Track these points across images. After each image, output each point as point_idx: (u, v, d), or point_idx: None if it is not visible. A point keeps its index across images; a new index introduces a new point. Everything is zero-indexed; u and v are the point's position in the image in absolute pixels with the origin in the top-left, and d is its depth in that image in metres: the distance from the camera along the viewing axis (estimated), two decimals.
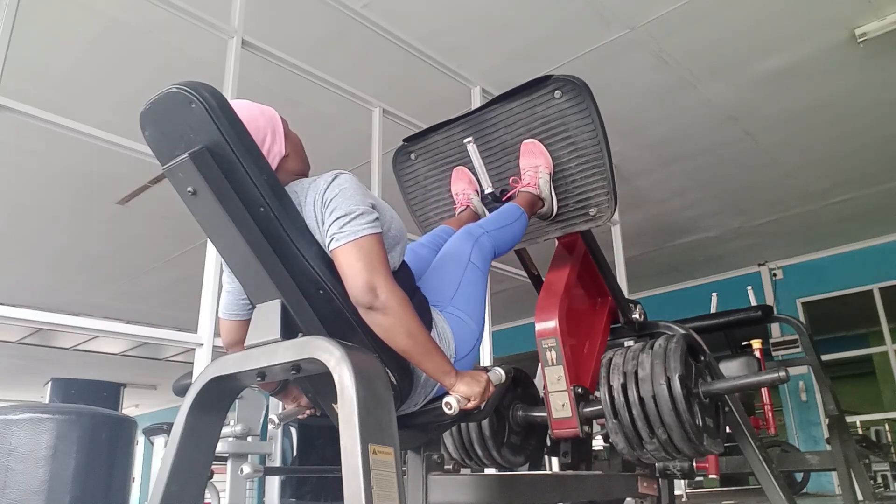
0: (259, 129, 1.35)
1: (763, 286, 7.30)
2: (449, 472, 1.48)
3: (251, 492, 4.26)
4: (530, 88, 1.99)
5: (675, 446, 1.72)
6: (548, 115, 1.99)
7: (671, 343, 1.80)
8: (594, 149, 1.95)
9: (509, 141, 2.08)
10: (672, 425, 1.69)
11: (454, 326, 1.44)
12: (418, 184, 2.31)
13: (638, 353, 1.82)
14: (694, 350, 1.87)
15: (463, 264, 1.57)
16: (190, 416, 1.29)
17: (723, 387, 1.81)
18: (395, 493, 1.04)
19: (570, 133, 1.97)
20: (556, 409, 1.91)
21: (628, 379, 1.77)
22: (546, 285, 2.04)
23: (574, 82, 1.93)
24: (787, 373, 1.70)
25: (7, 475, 2.03)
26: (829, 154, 5.09)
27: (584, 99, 1.92)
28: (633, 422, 1.74)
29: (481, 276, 1.58)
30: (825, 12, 3.53)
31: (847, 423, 4.03)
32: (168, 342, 4.66)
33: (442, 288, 1.51)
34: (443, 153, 2.22)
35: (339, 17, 3.36)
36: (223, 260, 1.35)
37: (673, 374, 1.71)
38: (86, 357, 9.65)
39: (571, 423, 1.88)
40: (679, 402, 1.68)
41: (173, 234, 5.66)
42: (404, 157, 2.31)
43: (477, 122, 2.11)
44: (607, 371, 1.83)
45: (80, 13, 3.31)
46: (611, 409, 1.78)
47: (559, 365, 1.89)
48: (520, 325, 8.18)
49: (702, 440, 1.72)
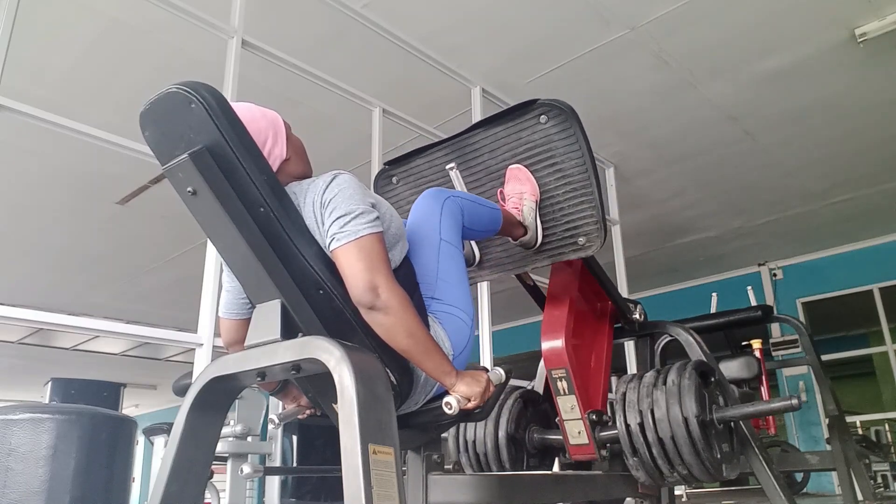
0: (261, 131, 1.35)
1: (763, 286, 7.30)
2: (449, 472, 1.48)
3: (251, 492, 4.25)
4: (515, 113, 1.93)
5: (695, 478, 1.77)
6: (533, 141, 1.92)
7: (684, 379, 1.79)
8: (582, 176, 1.88)
9: (494, 166, 2.01)
10: (692, 463, 1.72)
11: (446, 324, 1.43)
12: (400, 208, 2.19)
13: (652, 390, 1.81)
14: (704, 374, 1.87)
15: (435, 246, 1.50)
16: (190, 416, 1.29)
17: (736, 413, 1.83)
18: (395, 493, 1.04)
19: (556, 159, 1.90)
20: (572, 436, 1.92)
21: (644, 417, 1.78)
22: (549, 308, 1.99)
23: (560, 107, 1.87)
24: (800, 400, 1.72)
25: (7, 475, 2.03)
26: (829, 154, 5.09)
27: (571, 124, 1.86)
28: (654, 460, 1.76)
29: (457, 254, 1.53)
30: (825, 12, 3.53)
31: (847, 423, 4.03)
32: (168, 342, 4.67)
33: (421, 280, 1.46)
34: (425, 177, 2.13)
35: (339, 17, 3.36)
36: (223, 260, 1.35)
37: (689, 414, 1.72)
38: (86, 357, 9.65)
39: (589, 449, 1.90)
40: (697, 442, 1.70)
41: (173, 234, 5.66)
42: (386, 181, 2.23)
43: (460, 147, 2.04)
44: (622, 407, 1.83)
45: (79, 13, 3.31)
46: (630, 448, 1.79)
47: (571, 395, 1.88)
48: (520, 325, 8.18)
49: (721, 471, 1.76)
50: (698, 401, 1.75)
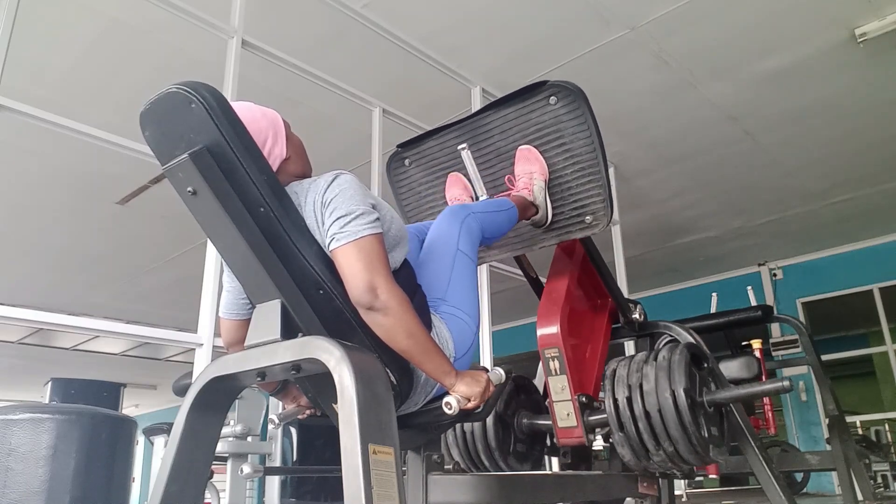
0: (261, 131, 1.36)
1: (763, 286, 7.30)
2: (449, 472, 1.48)
3: (251, 492, 4.26)
4: (525, 94, 1.97)
5: (681, 457, 1.73)
6: (543, 122, 1.97)
7: (675, 354, 1.79)
8: (590, 156, 1.92)
9: (504, 147, 2.06)
10: (678, 438, 1.70)
11: (451, 326, 1.43)
12: (412, 190, 2.28)
13: (642, 365, 1.81)
14: (697, 358, 1.86)
15: (451, 254, 1.53)
16: (190, 416, 1.29)
17: (727, 396, 1.82)
18: (395, 493, 1.04)
19: (565, 140, 1.95)
20: (560, 418, 1.91)
21: (633, 391, 1.77)
22: (546, 292, 2.03)
23: (569, 88, 1.91)
24: (791, 382, 1.71)
25: (7, 475, 2.03)
26: (829, 154, 5.09)
27: (580, 105, 1.90)
28: (640, 435, 1.74)
29: (471, 265, 1.56)
30: (825, 12, 3.53)
31: (847, 423, 4.02)
32: (168, 342, 4.66)
33: (434, 283, 1.49)
34: (437, 159, 2.19)
35: (339, 17, 3.36)
36: (223, 260, 1.35)
37: (678, 387, 1.71)
38: (86, 357, 9.65)
39: (577, 433, 1.88)
40: (684, 415, 1.69)
41: (173, 234, 5.66)
42: (398, 163, 2.28)
43: (471, 128, 2.09)
44: (612, 383, 1.83)
45: (80, 13, 3.31)
46: (616, 423, 1.78)
47: (563, 375, 1.88)
48: (520, 325, 8.18)
49: (708, 451, 1.74)
50: (688, 375, 1.74)
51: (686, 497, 5.27)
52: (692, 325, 3.00)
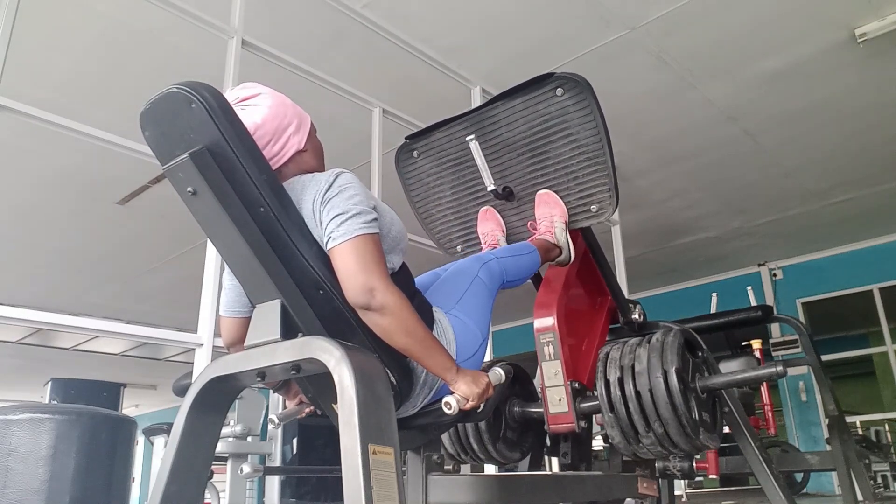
0: (286, 115, 1.40)
1: (763, 286, 7.31)
2: (449, 473, 1.48)
3: (251, 492, 4.26)
4: (532, 86, 2.00)
5: (671, 440, 1.72)
6: (550, 113, 2.00)
7: (668, 337, 1.81)
8: (596, 146, 1.96)
9: (511, 139, 2.09)
10: (668, 419, 1.69)
11: (456, 328, 1.44)
12: (421, 181, 2.32)
13: (635, 347, 1.83)
14: (691, 345, 1.87)
15: (470, 277, 1.59)
16: (190, 416, 1.29)
17: (719, 381, 1.82)
18: (395, 493, 1.04)
19: (571, 130, 1.98)
20: (552, 403, 1.90)
21: (625, 372, 1.78)
22: (545, 282, 2.05)
23: (576, 80, 1.94)
24: (784, 368, 1.71)
25: (7, 475, 2.03)
26: (829, 154, 5.09)
27: (587, 96, 1.93)
28: (630, 415, 1.74)
29: (486, 292, 1.59)
30: (825, 12, 3.53)
31: (847, 423, 4.03)
32: (168, 342, 4.66)
33: (448, 296, 1.52)
34: (445, 151, 2.23)
35: (339, 17, 3.36)
36: (223, 260, 1.35)
37: (669, 368, 1.71)
38: (86, 357, 9.65)
39: (568, 419, 1.87)
40: (675, 396, 1.69)
41: (173, 234, 5.66)
42: (407, 155, 2.31)
43: (479, 120, 2.12)
44: (604, 365, 1.84)
45: (80, 14, 3.31)
46: (607, 403, 1.78)
47: (556, 360, 1.89)
48: (520, 325, 8.18)
49: (698, 434, 1.72)
50: (680, 357, 1.75)
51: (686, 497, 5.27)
52: (692, 325, 3.00)
